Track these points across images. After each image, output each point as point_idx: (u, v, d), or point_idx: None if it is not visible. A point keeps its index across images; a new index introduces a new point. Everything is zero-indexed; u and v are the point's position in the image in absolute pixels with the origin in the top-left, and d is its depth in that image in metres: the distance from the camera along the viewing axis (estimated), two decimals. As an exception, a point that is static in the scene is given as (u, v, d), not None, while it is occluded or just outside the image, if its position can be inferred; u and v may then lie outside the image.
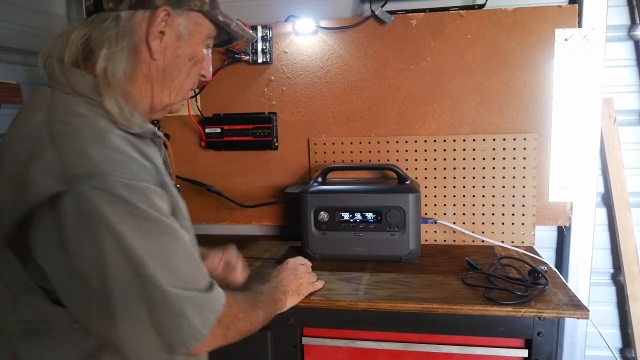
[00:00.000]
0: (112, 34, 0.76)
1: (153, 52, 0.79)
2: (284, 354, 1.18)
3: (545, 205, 1.51)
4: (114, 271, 0.66)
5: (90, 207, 0.64)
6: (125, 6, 0.77)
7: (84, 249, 0.66)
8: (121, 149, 0.70)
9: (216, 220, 1.74)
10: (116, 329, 0.68)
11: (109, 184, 0.65)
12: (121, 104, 0.76)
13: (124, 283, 0.67)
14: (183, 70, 0.85)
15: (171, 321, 0.69)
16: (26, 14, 1.61)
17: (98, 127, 0.71)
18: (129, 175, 0.68)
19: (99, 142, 0.69)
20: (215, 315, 0.73)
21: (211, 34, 0.88)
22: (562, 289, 1.12)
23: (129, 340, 0.69)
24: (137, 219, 0.67)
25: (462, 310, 1.05)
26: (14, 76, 1.53)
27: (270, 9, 1.65)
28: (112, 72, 0.76)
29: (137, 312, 0.67)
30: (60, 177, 0.65)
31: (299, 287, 1.09)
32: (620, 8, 1.48)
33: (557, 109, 1.47)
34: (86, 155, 0.67)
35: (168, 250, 0.70)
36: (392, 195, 1.33)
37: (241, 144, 1.67)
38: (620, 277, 1.55)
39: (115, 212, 0.65)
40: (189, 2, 0.81)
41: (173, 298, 0.68)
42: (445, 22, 1.50)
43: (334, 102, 1.61)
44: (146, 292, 0.67)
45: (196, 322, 0.70)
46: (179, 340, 0.69)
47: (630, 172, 1.53)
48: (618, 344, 1.62)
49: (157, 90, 0.83)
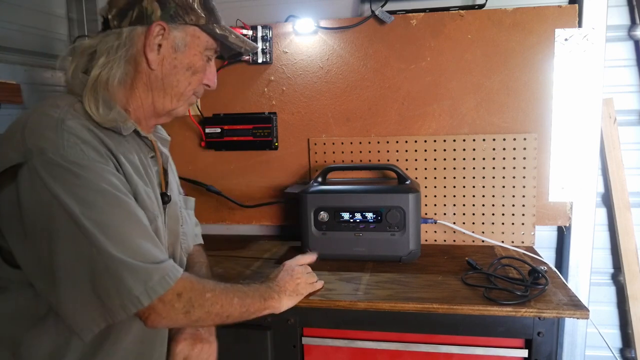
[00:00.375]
0: (113, 45, 0.87)
1: (150, 62, 0.89)
2: (284, 354, 1.18)
3: (545, 205, 1.51)
4: (61, 237, 0.73)
5: (40, 177, 0.73)
6: (127, 23, 0.88)
7: (35, 215, 0.74)
8: (76, 133, 0.78)
9: (216, 220, 1.74)
10: (59, 293, 0.74)
11: (56, 158, 0.74)
12: (99, 104, 0.84)
13: (69, 248, 0.73)
14: (182, 79, 0.93)
15: (111, 285, 0.74)
16: (26, 14, 1.61)
17: (62, 116, 0.79)
18: (79, 153, 0.76)
19: (56, 127, 0.77)
20: (164, 286, 0.77)
21: (210, 46, 0.95)
22: (562, 289, 1.12)
23: (71, 305, 0.74)
24: (85, 191, 0.75)
25: (462, 310, 1.04)
26: (14, 76, 1.52)
27: (270, 9, 1.65)
28: (105, 79, 0.85)
29: (80, 277, 0.73)
30: (20, 152, 0.75)
31: (296, 287, 1.07)
32: (620, 8, 1.49)
33: (557, 109, 1.47)
34: (42, 135, 0.76)
35: (116, 221, 0.76)
36: (392, 195, 1.33)
37: (241, 144, 1.67)
38: (620, 277, 1.55)
39: (63, 183, 0.74)
40: (184, 17, 0.90)
41: (115, 264, 0.74)
42: (445, 22, 1.50)
43: (334, 102, 1.61)
44: (90, 258, 0.73)
45: (136, 290, 0.74)
46: (117, 304, 0.74)
47: (630, 172, 1.53)
48: (618, 344, 1.62)
49: (157, 97, 0.93)
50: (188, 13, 0.90)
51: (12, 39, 1.54)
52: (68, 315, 0.75)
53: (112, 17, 0.89)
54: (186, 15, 0.90)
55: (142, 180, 0.88)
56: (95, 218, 0.74)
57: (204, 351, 0.95)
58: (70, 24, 1.80)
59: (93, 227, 0.74)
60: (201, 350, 0.95)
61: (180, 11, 0.90)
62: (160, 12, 0.88)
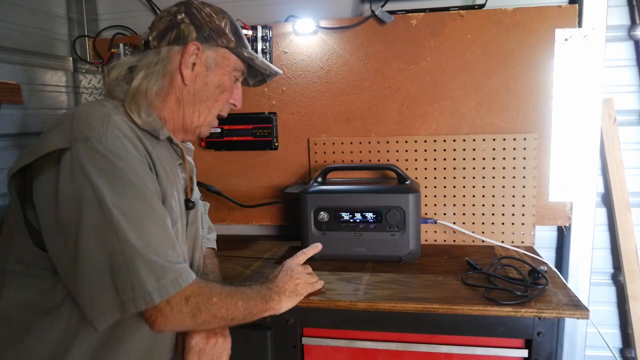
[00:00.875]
0: (152, 61, 0.96)
1: (185, 78, 0.97)
2: (284, 354, 1.18)
3: (545, 205, 1.51)
4: (88, 222, 0.76)
5: (81, 163, 0.77)
6: (165, 43, 0.97)
7: (69, 199, 0.77)
8: (120, 127, 0.83)
9: (216, 220, 1.74)
10: (78, 279, 0.76)
11: (99, 146, 0.79)
12: (140, 110, 0.90)
13: (93, 233, 0.76)
14: (211, 96, 1.01)
15: (127, 277, 0.75)
16: (26, 14, 1.61)
17: (109, 111, 0.85)
18: (120, 146, 0.81)
19: (103, 119, 0.83)
20: (176, 288, 0.79)
21: (238, 67, 1.05)
22: (562, 289, 1.12)
23: (87, 292, 0.76)
24: (118, 180, 0.78)
25: (462, 310, 1.04)
26: (14, 76, 1.53)
27: (270, 9, 1.65)
28: (145, 89, 0.93)
29: (100, 264, 0.75)
30: (66, 138, 0.79)
31: (295, 287, 1.08)
32: (620, 8, 1.48)
33: (557, 109, 1.47)
34: (89, 124, 0.81)
35: (142, 215, 0.79)
36: (392, 195, 1.33)
37: (241, 144, 1.67)
38: (620, 277, 1.55)
39: (100, 170, 0.77)
40: (217, 40, 0.99)
41: (133, 254, 0.76)
42: (445, 22, 1.50)
43: (334, 102, 1.61)
44: (112, 246, 0.75)
45: (149, 285, 0.76)
46: (129, 297, 0.75)
47: (630, 172, 1.53)
48: (618, 344, 1.62)
49: (187, 112, 1.00)
50: (220, 36, 1.00)
51: (12, 39, 1.54)
52: (84, 302, 0.77)
53: (152, 38, 0.98)
54: (218, 38, 0.99)
55: (170, 184, 0.93)
56: (123, 207, 0.77)
57: (218, 344, 0.97)
58: (70, 24, 1.80)
59: (119, 215, 0.76)
60: (215, 343, 0.96)
61: (214, 34, 0.99)
62: (196, 34, 0.97)
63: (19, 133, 1.56)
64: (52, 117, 1.71)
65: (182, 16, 0.98)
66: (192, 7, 1.00)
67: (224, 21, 1.01)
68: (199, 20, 0.98)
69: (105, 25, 1.79)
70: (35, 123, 1.63)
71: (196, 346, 0.94)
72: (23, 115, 1.57)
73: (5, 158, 1.52)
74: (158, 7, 1.73)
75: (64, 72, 1.77)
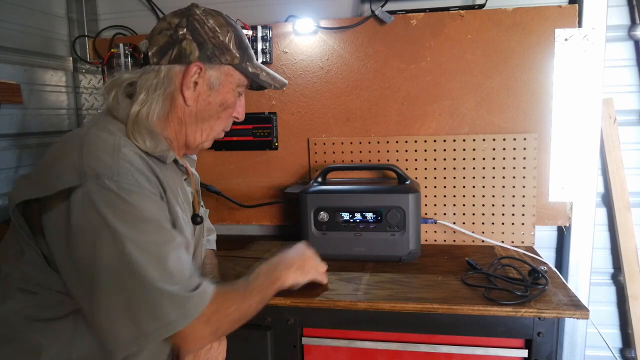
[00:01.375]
0: (152, 83, 0.92)
1: (186, 99, 0.94)
2: (284, 354, 1.18)
3: (545, 205, 1.51)
4: (105, 260, 0.76)
5: (93, 201, 0.76)
6: (166, 61, 0.93)
7: (83, 238, 0.76)
8: (131, 160, 0.83)
9: (216, 220, 1.74)
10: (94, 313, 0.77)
11: (111, 184, 0.78)
12: (145, 137, 0.89)
13: (110, 271, 0.76)
14: (214, 114, 1.00)
15: (148, 310, 0.76)
16: (26, 14, 1.61)
17: (118, 142, 0.84)
18: (132, 181, 0.80)
19: (113, 154, 0.82)
20: (198, 310, 0.80)
21: (242, 83, 1.02)
22: (562, 289, 1.12)
23: (106, 326, 0.77)
24: (132, 217, 0.78)
25: (462, 310, 1.04)
26: (14, 76, 1.53)
27: (270, 9, 1.65)
28: (145, 114, 0.90)
29: (120, 301, 0.76)
30: (77, 174, 0.78)
31: (302, 264, 1.09)
32: (620, 8, 1.48)
33: (557, 109, 1.47)
34: (99, 159, 0.80)
35: (159, 247, 0.79)
36: (392, 195, 1.33)
37: (241, 144, 1.67)
38: (620, 277, 1.55)
39: (113, 208, 0.77)
40: (220, 58, 0.95)
41: (155, 291, 0.76)
42: (445, 22, 1.50)
43: (334, 102, 1.61)
44: (131, 283, 0.76)
45: (171, 316, 0.77)
46: (152, 329, 0.77)
47: (630, 172, 1.53)
48: (618, 344, 1.62)
49: (190, 131, 0.99)
50: (224, 53, 0.96)
51: (12, 39, 1.54)
52: (104, 334, 0.78)
53: (152, 54, 0.93)
54: (222, 55, 0.96)
55: (179, 205, 0.94)
56: (139, 243, 0.77)
57: (213, 349, 0.98)
58: (70, 24, 1.80)
59: (136, 251, 0.76)
60: (210, 348, 0.98)
61: (217, 52, 0.95)
62: (199, 53, 0.93)
63: (19, 133, 1.56)
64: (52, 117, 1.71)
65: (184, 31, 0.93)
66: (195, 20, 0.94)
67: (228, 35, 0.96)
68: (201, 36, 0.93)
69: (105, 25, 1.79)
70: (35, 123, 1.63)
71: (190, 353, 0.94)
72: (23, 115, 1.57)
73: (6, 158, 1.52)
74: (158, 7, 1.73)
75: (64, 72, 1.77)
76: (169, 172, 0.95)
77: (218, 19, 0.97)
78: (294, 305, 1.11)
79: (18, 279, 0.85)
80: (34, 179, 0.83)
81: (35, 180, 0.82)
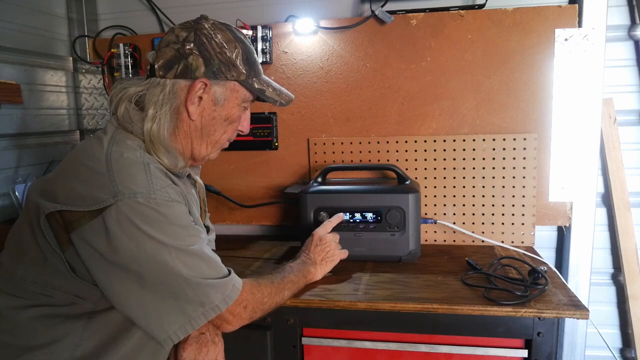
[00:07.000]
0: (159, 98, 0.94)
1: (191, 114, 0.96)
2: (284, 354, 1.18)
3: (545, 205, 1.51)
4: (152, 266, 0.83)
5: (128, 217, 0.82)
6: (172, 75, 0.94)
7: (126, 251, 0.82)
8: (161, 177, 0.90)
9: (216, 220, 1.74)
10: (144, 310, 0.84)
11: (149, 201, 0.84)
12: (161, 154, 0.94)
13: (156, 273, 0.83)
14: (219, 129, 1.01)
15: (197, 300, 0.85)
16: (26, 14, 1.61)
17: (144, 159, 0.90)
18: (166, 196, 0.87)
19: (145, 171, 0.87)
20: (236, 292, 0.91)
21: (247, 98, 1.03)
22: (562, 289, 1.12)
23: (156, 320, 0.84)
24: (170, 226, 0.85)
25: (462, 310, 1.05)
26: (14, 76, 1.53)
27: (270, 9, 1.65)
28: (157, 131, 0.93)
29: (170, 300, 0.84)
30: (110, 193, 0.82)
31: (327, 255, 1.22)
32: (620, 8, 1.48)
33: (557, 109, 1.47)
34: (133, 177, 0.85)
35: (198, 247, 0.88)
36: (392, 196, 1.33)
37: (241, 144, 1.67)
38: (620, 277, 1.55)
39: (152, 222, 0.83)
40: (226, 74, 0.96)
41: (202, 283, 0.86)
42: (445, 22, 1.50)
43: (334, 102, 1.61)
44: (180, 285, 0.84)
45: (216, 299, 0.87)
46: (200, 313, 0.86)
47: (630, 172, 1.53)
48: (618, 344, 1.62)
49: (195, 145, 1.01)
50: (230, 69, 0.97)
51: (12, 39, 1.54)
52: (154, 327, 0.85)
53: (159, 67, 0.95)
54: (228, 72, 0.97)
55: (196, 216, 1.02)
56: (180, 247, 0.85)
57: (210, 353, 0.99)
58: (70, 24, 1.80)
59: (179, 256, 0.84)
60: (207, 352, 0.98)
61: (223, 68, 0.96)
62: (204, 69, 0.94)
63: (19, 133, 1.56)
64: (52, 117, 1.71)
65: (191, 46, 0.93)
66: (203, 34, 0.94)
67: (236, 51, 0.97)
68: (208, 52, 0.94)
69: (105, 25, 1.79)
70: (35, 123, 1.63)
71: (188, 358, 0.95)
72: (23, 115, 1.57)
73: (6, 158, 1.52)
74: (158, 7, 1.73)
75: (64, 72, 1.77)
76: (182, 182, 1.01)
77: (226, 33, 0.97)
78: (293, 305, 1.11)
79: (31, 282, 0.87)
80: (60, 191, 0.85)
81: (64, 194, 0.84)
